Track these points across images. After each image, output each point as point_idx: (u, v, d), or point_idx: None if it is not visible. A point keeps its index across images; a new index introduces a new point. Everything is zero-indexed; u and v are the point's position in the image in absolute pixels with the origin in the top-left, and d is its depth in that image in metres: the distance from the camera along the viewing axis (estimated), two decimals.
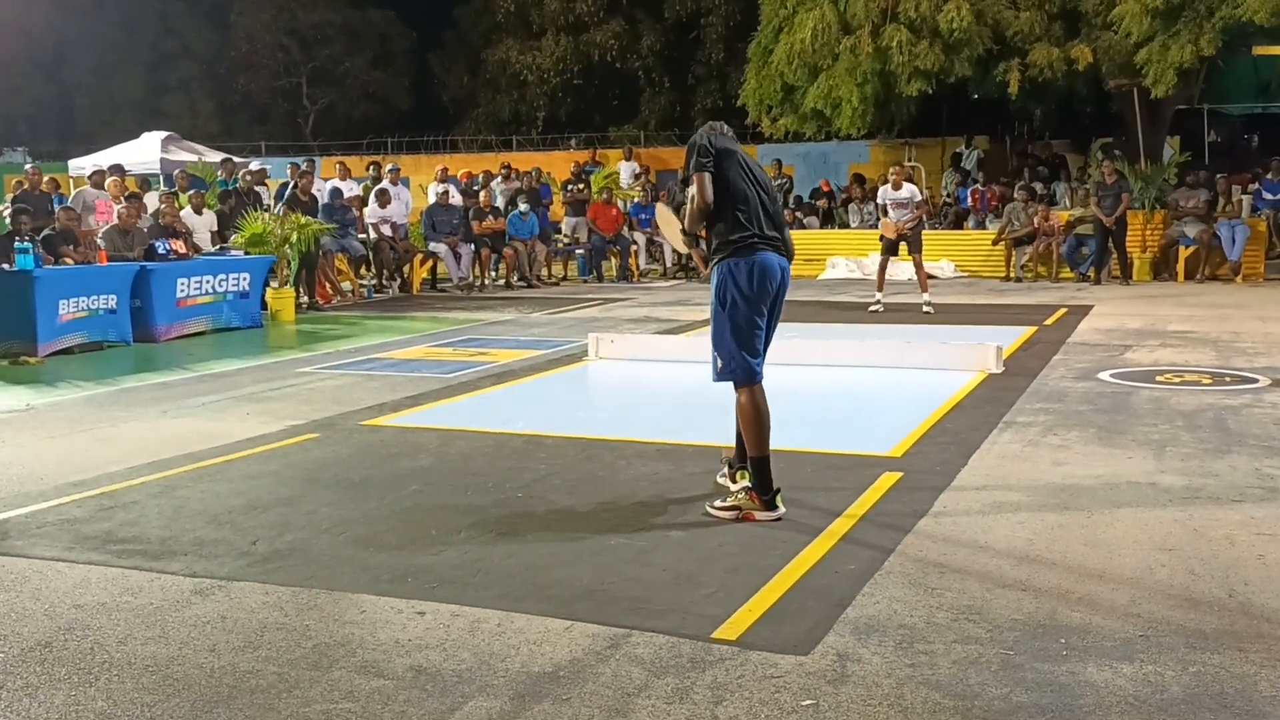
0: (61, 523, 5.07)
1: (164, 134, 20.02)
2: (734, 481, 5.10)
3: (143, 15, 32.16)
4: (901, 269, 17.62)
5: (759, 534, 4.71)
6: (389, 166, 18.74)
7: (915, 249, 12.84)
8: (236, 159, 19.36)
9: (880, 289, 13.12)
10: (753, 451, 4.87)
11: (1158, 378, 8.27)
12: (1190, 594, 3.94)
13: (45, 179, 15.53)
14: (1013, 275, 16.91)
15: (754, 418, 4.84)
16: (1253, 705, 3.12)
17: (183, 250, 12.44)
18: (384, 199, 16.62)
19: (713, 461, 5.94)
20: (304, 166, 17.18)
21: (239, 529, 4.92)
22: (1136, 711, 3.09)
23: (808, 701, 3.18)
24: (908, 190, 12.80)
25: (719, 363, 4.91)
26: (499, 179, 19.94)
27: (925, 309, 12.39)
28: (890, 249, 12.92)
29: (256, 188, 15.71)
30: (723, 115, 26.26)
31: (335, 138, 31.24)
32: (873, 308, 12.83)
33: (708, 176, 4.77)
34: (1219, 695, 3.18)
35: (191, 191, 14.96)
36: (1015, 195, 17.47)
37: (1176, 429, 6.53)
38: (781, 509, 4.87)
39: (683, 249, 5.59)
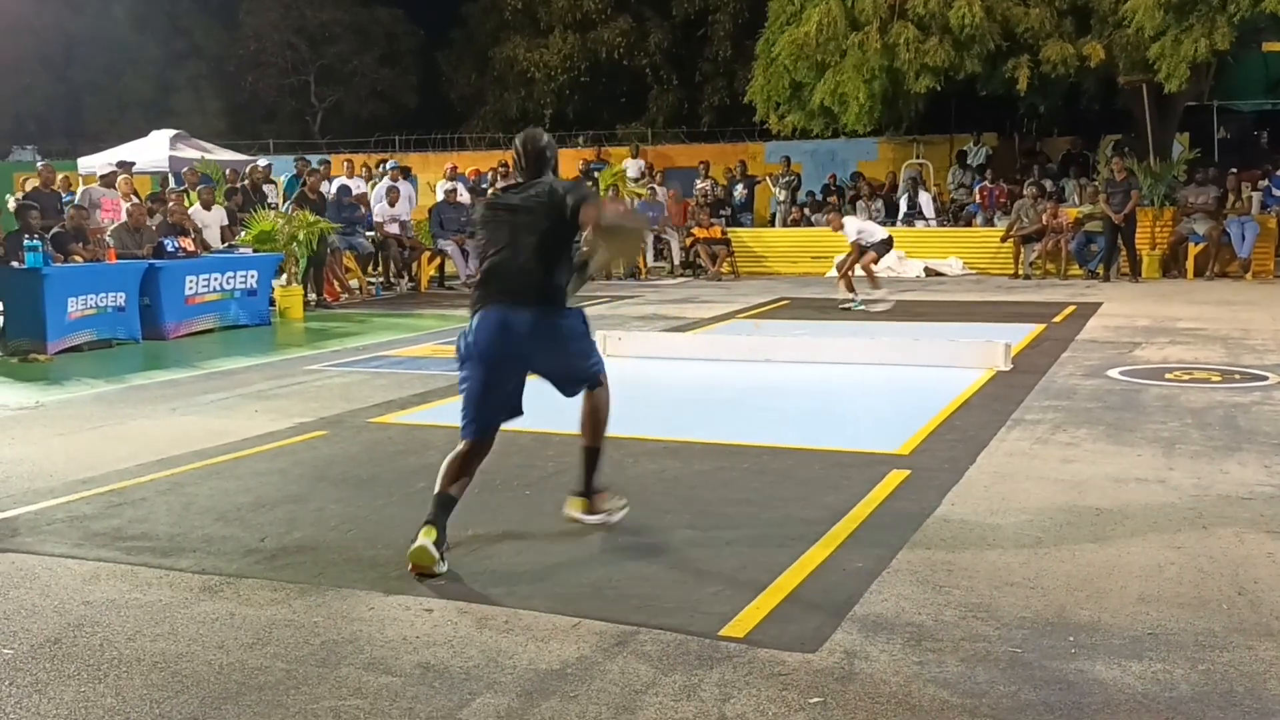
0: (70, 519, 5.08)
1: (172, 132, 20.04)
2: (586, 512, 4.67)
3: (152, 14, 32.20)
4: (909, 266, 17.69)
5: (766, 533, 4.71)
6: (390, 163, 18.69)
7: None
8: (244, 157, 19.36)
9: (851, 289, 13.19)
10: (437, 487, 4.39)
11: (1167, 375, 8.24)
12: (1199, 592, 3.93)
13: (60, 177, 15.49)
14: (1021, 272, 16.87)
15: (451, 458, 4.41)
16: (1262, 704, 3.11)
17: (191, 248, 12.46)
18: (393, 196, 16.63)
19: (720, 459, 5.95)
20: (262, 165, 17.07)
21: (247, 526, 4.93)
22: (1145, 710, 3.08)
23: (815, 699, 3.17)
24: (847, 229, 13.17)
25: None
26: (499, 176, 19.90)
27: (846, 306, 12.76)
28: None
29: (264, 185, 15.72)
30: (730, 112, 26.44)
31: (343, 136, 31.25)
32: (858, 306, 12.91)
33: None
34: (1228, 694, 3.17)
35: (201, 187, 14.97)
36: (1024, 192, 17.43)
37: (1186, 426, 6.51)
38: (430, 558, 4.17)
39: None
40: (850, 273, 13.15)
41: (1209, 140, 20.75)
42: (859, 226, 13.24)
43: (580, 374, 4.60)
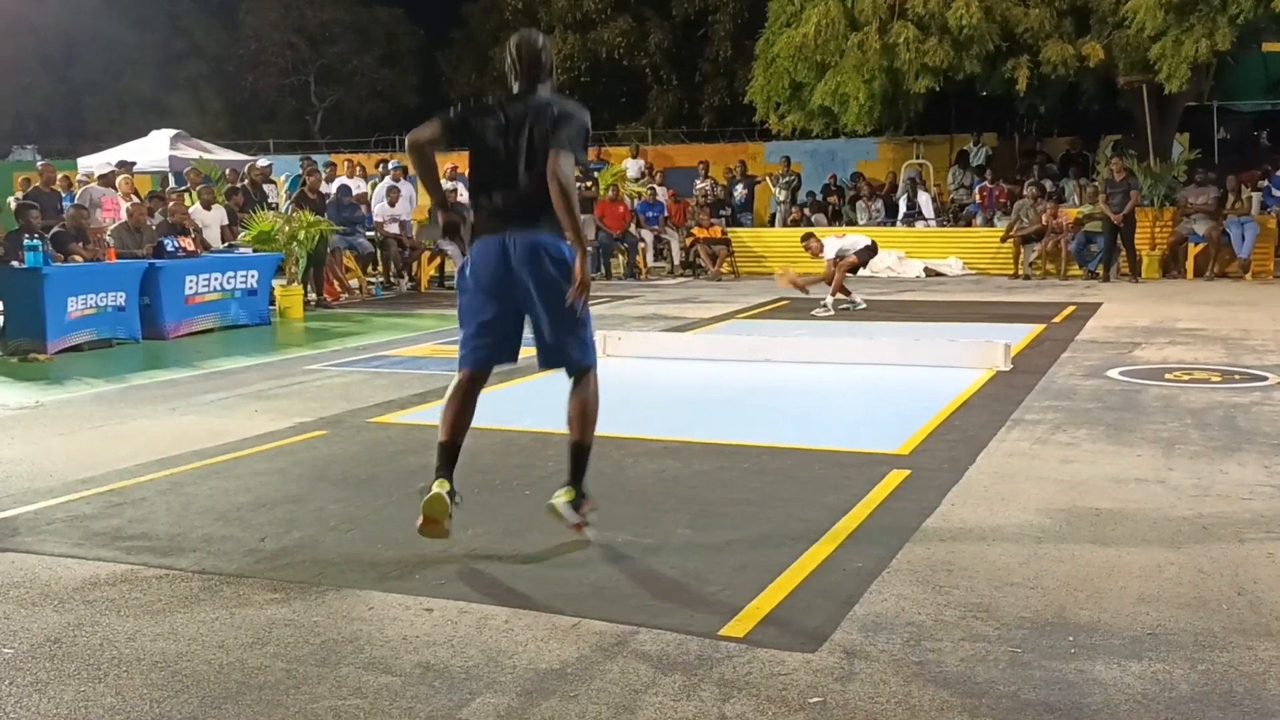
0: (70, 519, 5.08)
1: (173, 132, 20.07)
2: (572, 504, 4.50)
3: (152, 14, 32.25)
4: (909, 266, 17.69)
5: (766, 533, 4.70)
6: (392, 163, 18.72)
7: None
8: (244, 157, 19.38)
9: (845, 292, 13.09)
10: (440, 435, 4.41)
11: (1167, 375, 8.25)
12: (1199, 592, 3.93)
13: (60, 176, 15.47)
14: (1021, 273, 16.88)
15: (449, 396, 4.43)
16: (1262, 704, 3.11)
17: (191, 248, 12.47)
18: (393, 197, 16.64)
19: (720, 459, 5.95)
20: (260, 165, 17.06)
21: (247, 526, 4.93)
22: (1145, 710, 3.08)
23: (815, 699, 3.17)
24: (826, 251, 13.09)
25: None
26: None
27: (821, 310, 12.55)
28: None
29: (264, 185, 15.73)
30: (730, 112, 26.43)
31: (343, 136, 31.29)
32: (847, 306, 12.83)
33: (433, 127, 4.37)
34: (1228, 694, 3.17)
35: (201, 187, 14.99)
36: (1024, 192, 17.44)
37: (1185, 427, 6.51)
38: (444, 508, 4.26)
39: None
40: (840, 279, 13.01)
41: (1209, 141, 20.77)
42: (838, 247, 13.03)
43: (569, 335, 4.32)
